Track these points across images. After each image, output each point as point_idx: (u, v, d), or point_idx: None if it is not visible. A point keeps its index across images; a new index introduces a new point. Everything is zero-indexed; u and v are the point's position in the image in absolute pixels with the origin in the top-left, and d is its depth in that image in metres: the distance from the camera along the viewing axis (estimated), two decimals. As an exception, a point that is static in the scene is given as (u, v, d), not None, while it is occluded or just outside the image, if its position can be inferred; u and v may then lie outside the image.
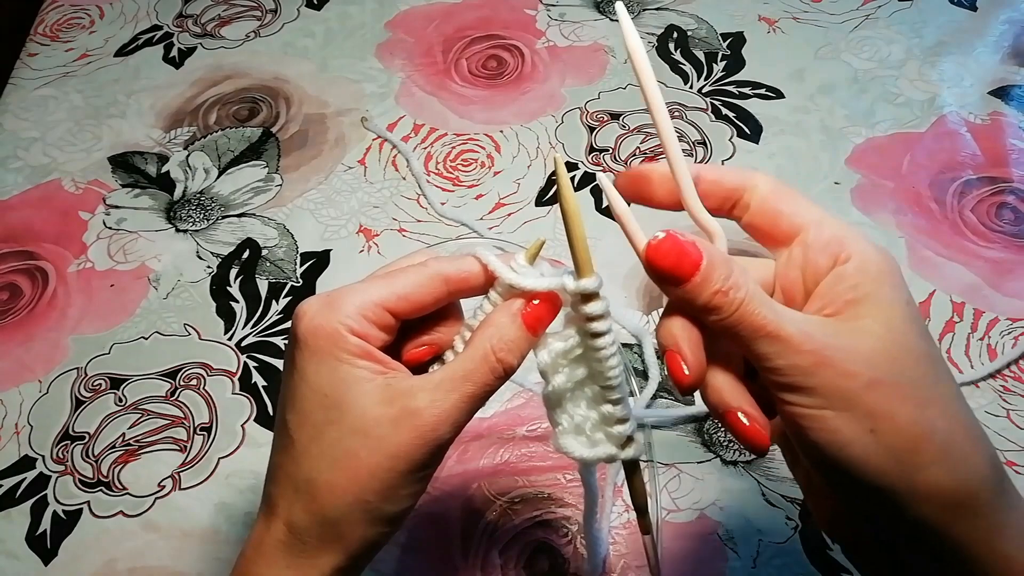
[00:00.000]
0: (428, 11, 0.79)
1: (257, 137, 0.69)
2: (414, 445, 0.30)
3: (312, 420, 0.31)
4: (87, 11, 0.81)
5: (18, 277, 0.60)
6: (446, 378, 0.31)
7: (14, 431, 0.52)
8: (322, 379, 0.31)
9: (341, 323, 0.30)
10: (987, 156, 0.64)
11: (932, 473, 0.27)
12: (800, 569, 0.45)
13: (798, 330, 0.27)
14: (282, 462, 0.32)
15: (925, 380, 0.27)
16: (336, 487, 0.30)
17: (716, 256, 0.28)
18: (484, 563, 0.46)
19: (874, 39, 0.74)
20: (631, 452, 0.33)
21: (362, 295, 0.31)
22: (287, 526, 0.31)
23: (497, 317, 0.32)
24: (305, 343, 0.31)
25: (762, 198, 0.31)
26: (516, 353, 0.32)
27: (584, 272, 0.31)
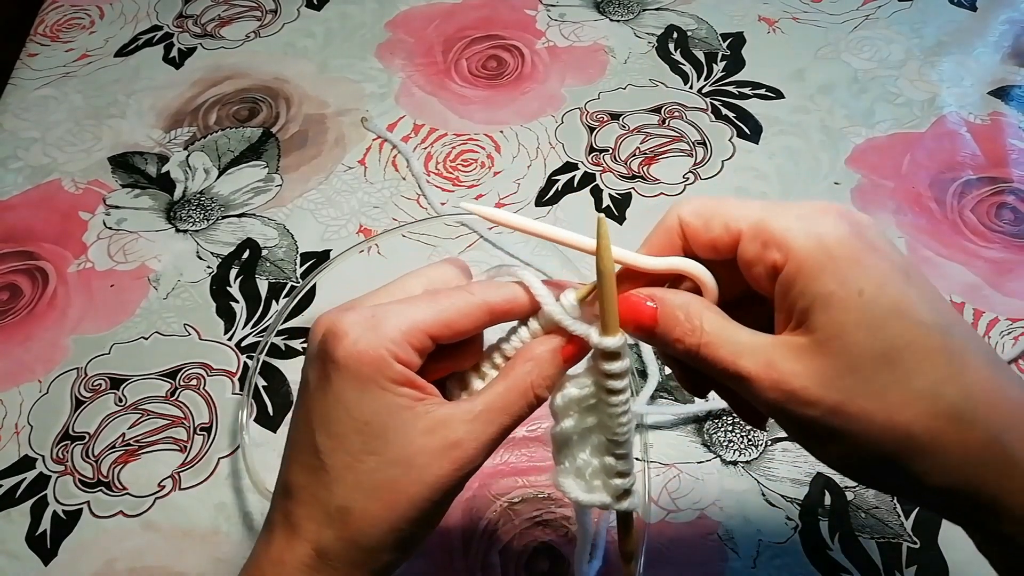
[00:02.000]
0: (428, 11, 0.79)
1: (257, 137, 0.69)
2: (453, 475, 0.30)
3: (348, 447, 0.30)
4: (87, 11, 0.81)
5: (18, 277, 0.60)
6: (485, 410, 0.31)
7: (14, 431, 0.52)
8: (363, 407, 0.30)
9: (386, 349, 0.29)
10: (987, 156, 0.64)
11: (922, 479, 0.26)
12: (800, 569, 0.45)
13: (758, 363, 0.27)
14: (308, 484, 0.31)
15: (892, 382, 0.25)
16: (374, 516, 0.30)
17: (670, 304, 0.29)
18: (484, 563, 0.46)
19: (874, 39, 0.74)
20: (626, 504, 0.33)
21: (406, 318, 0.30)
22: (316, 551, 0.30)
23: (539, 352, 0.32)
24: (347, 368, 0.29)
25: (688, 230, 0.30)
26: (551, 387, 0.32)
27: (609, 330, 0.31)
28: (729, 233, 0.29)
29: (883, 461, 0.26)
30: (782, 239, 0.27)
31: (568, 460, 0.34)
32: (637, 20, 0.77)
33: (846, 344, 0.26)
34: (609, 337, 0.31)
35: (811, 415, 0.26)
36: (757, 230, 0.28)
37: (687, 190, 0.63)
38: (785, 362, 0.27)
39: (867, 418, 0.26)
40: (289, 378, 0.54)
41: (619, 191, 0.63)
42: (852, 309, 0.26)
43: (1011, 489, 0.26)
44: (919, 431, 0.25)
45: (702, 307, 0.30)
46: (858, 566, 0.45)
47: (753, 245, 0.28)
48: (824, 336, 0.26)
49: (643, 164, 0.65)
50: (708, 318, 0.29)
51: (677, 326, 0.29)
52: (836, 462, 0.28)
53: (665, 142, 0.67)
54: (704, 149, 0.66)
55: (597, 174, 0.65)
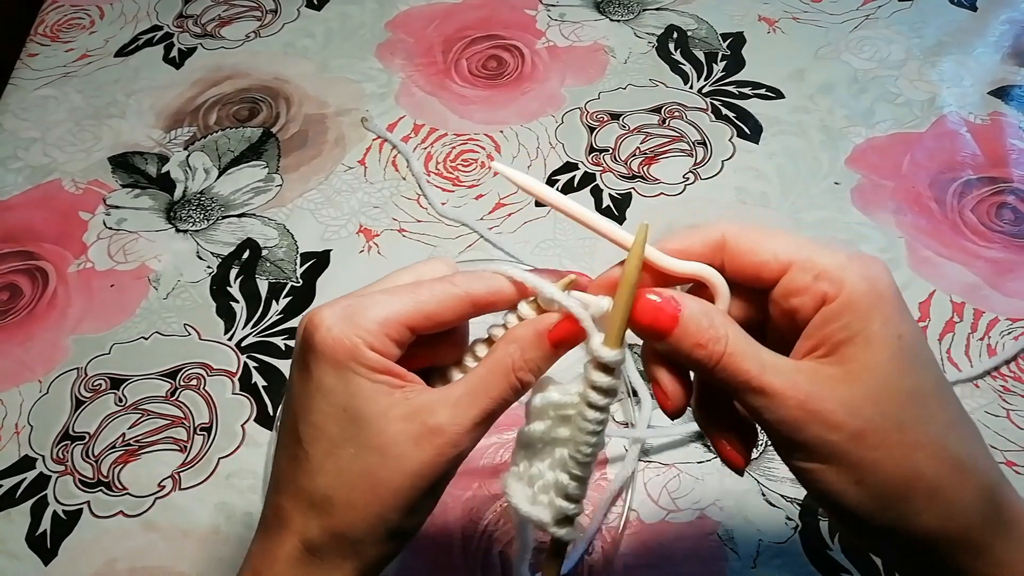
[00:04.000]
0: (428, 11, 0.79)
1: (257, 137, 0.69)
2: (435, 462, 0.29)
3: (328, 435, 0.30)
4: (87, 11, 0.81)
5: (18, 277, 0.60)
6: (465, 393, 0.30)
7: (14, 431, 0.52)
8: (339, 393, 0.30)
9: (361, 337, 0.29)
10: (987, 156, 0.64)
11: (922, 520, 0.27)
12: (800, 569, 0.45)
13: (784, 381, 0.27)
14: (294, 475, 0.31)
15: (912, 421, 0.27)
16: (355, 506, 0.29)
17: (695, 309, 0.29)
18: (484, 563, 0.46)
19: (874, 39, 0.74)
20: (563, 532, 0.32)
21: (384, 309, 0.30)
22: (303, 543, 0.30)
23: (521, 333, 0.31)
24: (323, 354, 0.29)
25: (734, 248, 0.30)
26: (536, 372, 0.31)
27: (613, 342, 0.30)
28: (778, 262, 0.29)
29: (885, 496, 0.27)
30: (837, 275, 0.28)
31: (524, 464, 0.33)
32: (637, 20, 0.77)
33: (879, 378, 0.27)
34: (610, 349, 0.30)
35: (831, 439, 0.27)
36: (811, 263, 0.28)
37: (687, 190, 0.63)
38: (813, 385, 0.27)
39: (885, 449, 0.27)
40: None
41: (619, 191, 0.63)
42: (891, 349, 0.27)
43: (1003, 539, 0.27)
44: (927, 471, 0.27)
45: (726, 318, 0.29)
46: (858, 566, 0.45)
47: (804, 276, 0.28)
48: (858, 368, 0.27)
49: (643, 164, 0.65)
50: (732, 329, 0.28)
51: (700, 332, 0.28)
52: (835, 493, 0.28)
53: (665, 142, 0.67)
54: (704, 149, 0.66)
55: (597, 174, 0.65)
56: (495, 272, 0.32)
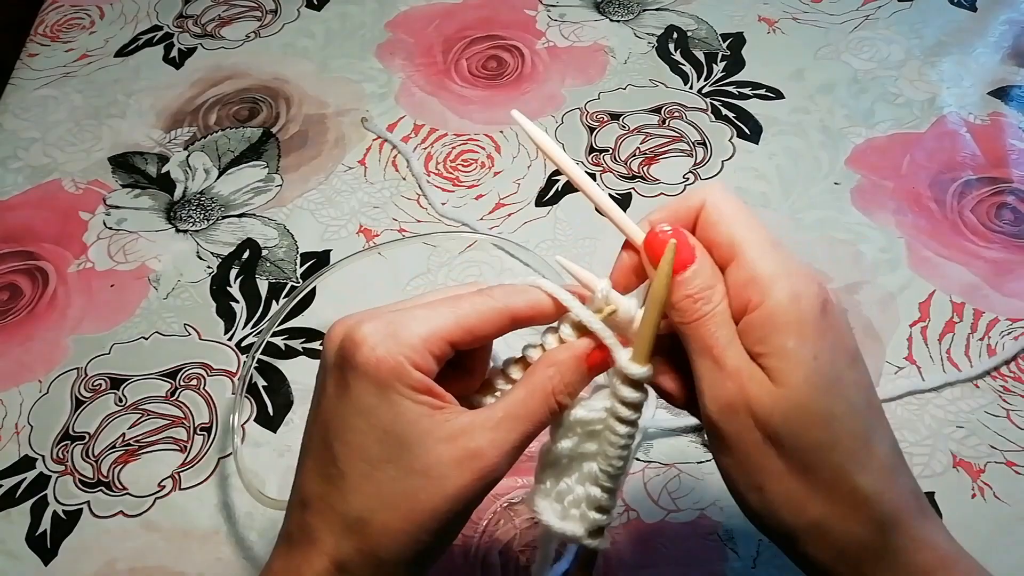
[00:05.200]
0: (428, 11, 0.79)
1: (257, 137, 0.69)
2: (474, 486, 0.29)
3: (366, 455, 0.29)
4: (87, 11, 0.81)
5: (18, 277, 0.60)
6: (506, 417, 0.30)
7: (14, 431, 0.52)
8: (383, 414, 0.29)
9: (406, 356, 0.29)
10: (987, 156, 0.64)
11: (810, 551, 0.28)
12: (800, 569, 0.45)
13: (733, 363, 0.28)
14: (326, 493, 0.30)
15: (815, 447, 0.28)
16: (392, 528, 0.29)
17: (706, 266, 0.30)
18: (484, 563, 0.46)
19: (874, 39, 0.74)
20: (597, 542, 0.33)
21: (426, 325, 0.30)
22: (334, 564, 0.30)
23: (563, 357, 0.31)
24: (366, 374, 0.29)
25: (704, 219, 0.31)
26: (573, 395, 0.31)
27: (640, 358, 0.30)
28: (729, 248, 0.30)
29: (779, 516, 0.29)
30: (765, 285, 0.28)
31: (551, 481, 0.33)
32: (637, 20, 0.77)
33: (790, 397, 0.28)
34: (639, 366, 0.30)
35: (746, 438, 0.28)
36: (750, 264, 0.29)
37: (687, 190, 0.63)
38: (751, 380, 0.28)
39: (787, 469, 0.28)
40: (289, 378, 0.54)
41: (619, 191, 0.63)
42: (804, 369, 0.28)
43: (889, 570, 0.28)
44: (819, 508, 0.28)
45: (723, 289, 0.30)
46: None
47: (740, 273, 0.29)
48: (777, 381, 0.28)
49: (643, 164, 0.65)
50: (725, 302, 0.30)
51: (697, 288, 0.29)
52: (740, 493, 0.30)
53: (665, 142, 0.67)
54: (704, 149, 0.66)
55: (597, 174, 0.65)
56: (532, 285, 0.32)
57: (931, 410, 0.51)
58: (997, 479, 0.48)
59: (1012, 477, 0.48)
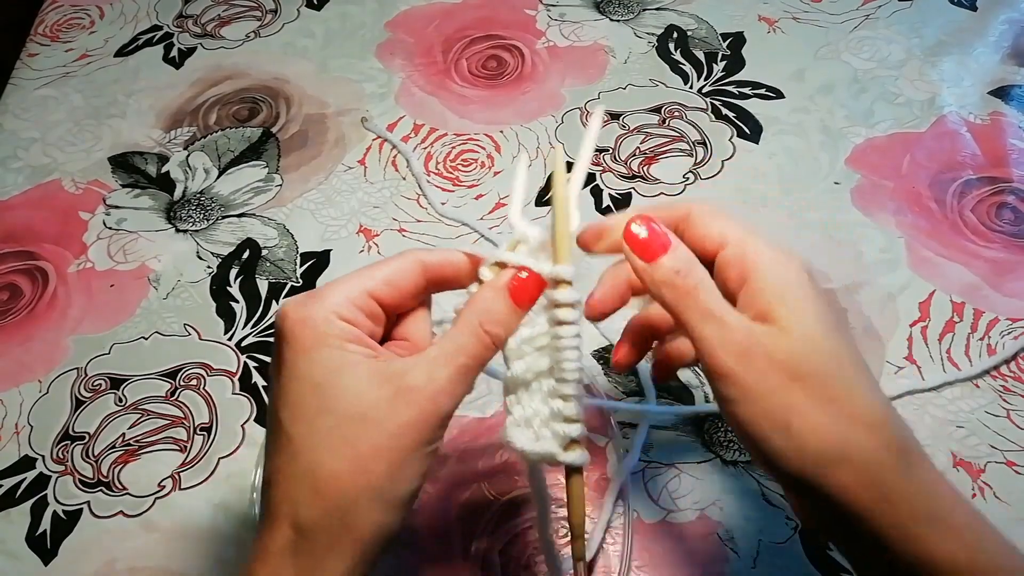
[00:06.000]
0: (428, 11, 0.79)
1: (257, 137, 0.69)
2: (415, 421, 0.30)
3: (305, 412, 0.30)
4: (87, 11, 0.81)
5: (18, 277, 0.60)
6: (439, 354, 0.31)
7: (14, 431, 0.52)
8: (313, 368, 0.30)
9: (328, 311, 0.31)
10: (987, 156, 0.64)
11: (838, 474, 0.29)
12: (800, 569, 0.45)
13: (736, 320, 0.31)
14: (280, 463, 0.31)
15: (836, 379, 0.30)
16: (340, 475, 0.29)
17: (681, 247, 0.33)
18: (484, 563, 0.46)
19: (874, 39, 0.74)
20: (572, 457, 0.33)
21: (346, 284, 0.32)
22: (293, 528, 0.30)
23: (483, 292, 0.33)
24: (292, 336, 0.30)
25: (691, 222, 0.34)
26: (503, 325, 0.33)
27: (560, 259, 0.33)
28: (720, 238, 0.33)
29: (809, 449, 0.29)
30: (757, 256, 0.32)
31: (517, 409, 0.34)
32: (637, 20, 0.77)
33: (806, 337, 0.30)
34: (559, 265, 0.32)
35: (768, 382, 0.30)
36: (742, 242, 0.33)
37: (687, 190, 0.63)
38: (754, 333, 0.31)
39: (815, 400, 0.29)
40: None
41: (619, 191, 0.63)
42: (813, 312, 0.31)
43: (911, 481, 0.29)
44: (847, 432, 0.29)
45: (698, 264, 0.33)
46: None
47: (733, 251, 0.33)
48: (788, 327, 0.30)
49: (643, 164, 0.65)
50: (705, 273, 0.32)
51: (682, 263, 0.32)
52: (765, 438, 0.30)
53: (665, 142, 0.67)
54: (704, 149, 0.66)
55: (597, 174, 0.65)
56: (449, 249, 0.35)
57: (931, 410, 0.51)
58: (997, 479, 0.48)
59: (1012, 477, 0.48)
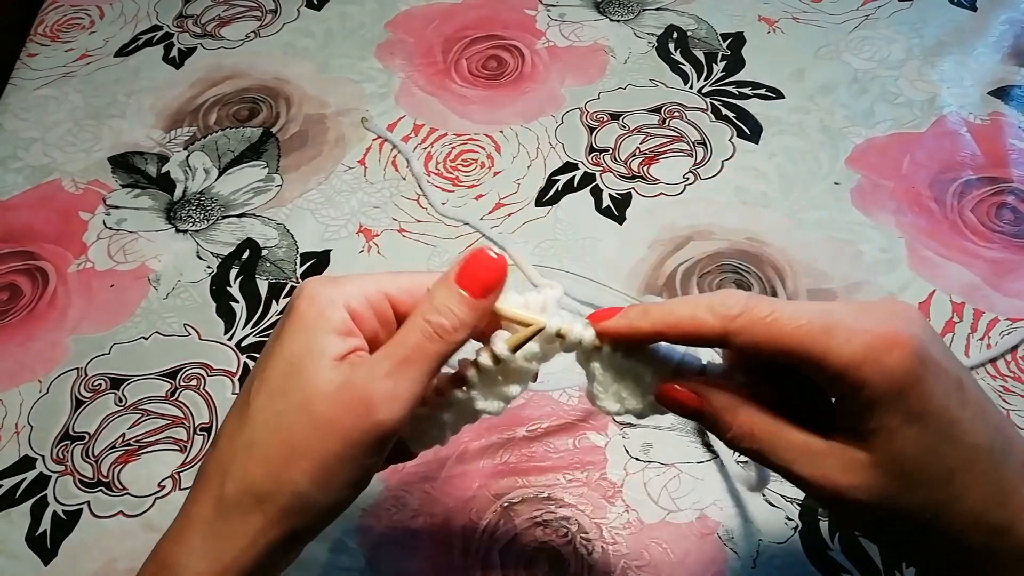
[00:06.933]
0: (428, 11, 0.79)
1: (257, 137, 0.69)
2: (347, 422, 0.28)
3: (270, 386, 0.30)
4: (87, 11, 0.81)
5: (18, 277, 0.60)
6: (383, 352, 0.30)
7: (14, 431, 0.52)
8: (294, 346, 0.30)
9: (339, 297, 0.30)
10: (987, 156, 0.64)
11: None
12: (800, 569, 0.45)
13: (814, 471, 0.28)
14: (230, 428, 0.30)
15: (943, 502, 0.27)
16: (271, 459, 0.29)
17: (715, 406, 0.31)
18: (484, 563, 0.46)
19: (874, 39, 0.74)
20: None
21: (368, 279, 0.32)
22: (215, 500, 0.29)
23: (434, 283, 0.31)
24: (296, 310, 0.30)
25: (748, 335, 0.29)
26: (448, 315, 0.30)
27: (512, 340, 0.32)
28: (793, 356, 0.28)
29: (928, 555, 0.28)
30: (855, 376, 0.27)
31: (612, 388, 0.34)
32: (637, 20, 0.77)
33: (905, 469, 0.27)
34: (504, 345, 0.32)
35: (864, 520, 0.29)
36: (824, 360, 0.27)
37: (687, 190, 0.63)
38: (841, 474, 0.28)
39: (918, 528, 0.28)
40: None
41: (619, 191, 0.63)
42: (913, 438, 0.27)
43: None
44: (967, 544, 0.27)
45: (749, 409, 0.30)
46: (858, 566, 0.45)
47: (819, 374, 0.28)
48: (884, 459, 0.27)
49: (643, 164, 0.65)
50: (758, 421, 0.30)
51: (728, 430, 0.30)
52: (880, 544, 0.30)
53: (665, 142, 0.67)
54: (704, 149, 0.66)
55: (597, 174, 0.65)
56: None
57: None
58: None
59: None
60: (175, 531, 0.31)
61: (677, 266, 0.58)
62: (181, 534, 0.30)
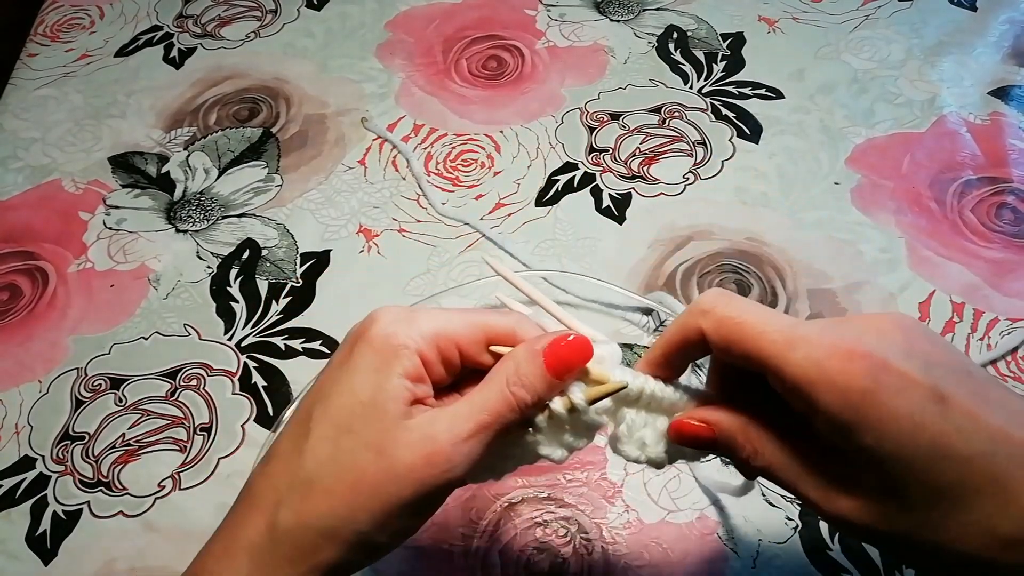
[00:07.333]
0: (428, 11, 0.79)
1: (257, 137, 0.69)
2: (424, 474, 0.29)
3: (336, 420, 0.30)
4: (87, 11, 0.81)
5: (18, 277, 0.60)
6: (463, 405, 0.30)
7: (14, 431, 0.52)
8: (367, 385, 0.30)
9: (412, 339, 0.30)
10: (987, 156, 0.64)
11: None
12: (800, 569, 0.45)
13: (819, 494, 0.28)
14: (287, 451, 0.30)
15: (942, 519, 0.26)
16: (334, 496, 0.29)
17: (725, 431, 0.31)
18: (484, 563, 0.46)
19: (874, 39, 0.74)
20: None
21: (439, 320, 0.31)
22: (268, 527, 0.29)
23: (518, 351, 0.31)
24: (371, 345, 0.30)
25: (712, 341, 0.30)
26: (531, 390, 0.30)
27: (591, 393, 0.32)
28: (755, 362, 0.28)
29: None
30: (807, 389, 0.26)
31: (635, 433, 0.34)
32: (637, 20, 0.77)
33: (891, 489, 0.26)
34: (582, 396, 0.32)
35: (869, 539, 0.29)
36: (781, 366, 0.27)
37: (687, 190, 0.63)
38: (842, 499, 0.28)
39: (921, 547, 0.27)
40: (289, 378, 0.54)
41: (619, 191, 0.63)
42: (890, 457, 0.26)
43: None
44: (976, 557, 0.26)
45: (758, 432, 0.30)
46: (858, 566, 0.45)
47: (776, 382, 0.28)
48: (868, 481, 0.27)
49: (643, 164, 0.65)
50: (766, 444, 0.30)
51: (739, 449, 0.31)
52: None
53: (665, 142, 0.67)
54: (704, 149, 0.66)
55: (597, 174, 0.65)
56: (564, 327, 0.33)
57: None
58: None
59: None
60: (219, 548, 0.30)
61: (677, 266, 0.58)
62: (227, 553, 0.30)
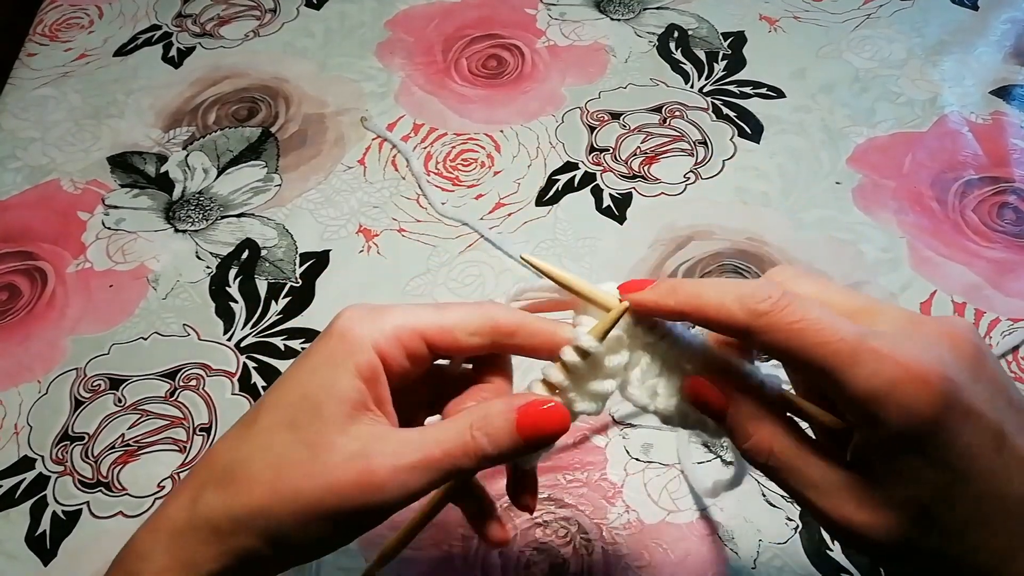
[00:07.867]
0: (428, 10, 0.79)
1: (256, 137, 0.68)
2: (352, 490, 0.27)
3: (279, 413, 0.29)
4: (86, 11, 0.81)
5: (17, 277, 0.60)
6: (414, 435, 0.29)
7: (14, 431, 0.52)
8: (314, 379, 0.29)
9: (369, 334, 0.29)
10: (989, 156, 0.64)
11: None
12: (800, 569, 0.45)
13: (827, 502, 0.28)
14: (231, 435, 0.30)
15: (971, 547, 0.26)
16: (257, 485, 0.28)
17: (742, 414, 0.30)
18: (484, 563, 0.46)
19: (875, 38, 0.74)
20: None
21: (403, 315, 0.30)
22: (190, 506, 0.28)
23: (495, 402, 0.30)
24: (330, 338, 0.30)
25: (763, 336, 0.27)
26: (493, 442, 0.29)
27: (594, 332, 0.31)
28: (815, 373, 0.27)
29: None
30: (872, 405, 0.25)
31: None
32: (638, 19, 0.77)
33: (922, 513, 0.26)
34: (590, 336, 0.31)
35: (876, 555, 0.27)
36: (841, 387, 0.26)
37: (688, 190, 0.63)
38: (855, 510, 0.27)
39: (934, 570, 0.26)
40: (288, 378, 0.54)
41: (619, 191, 0.63)
42: (933, 483, 0.25)
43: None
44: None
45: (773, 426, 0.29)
46: (858, 567, 0.45)
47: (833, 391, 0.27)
48: (899, 500, 0.26)
49: (644, 164, 0.65)
50: (780, 440, 0.29)
51: (746, 439, 0.29)
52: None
53: (666, 141, 0.66)
54: (705, 148, 0.66)
55: (597, 174, 0.64)
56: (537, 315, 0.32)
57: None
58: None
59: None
60: (150, 523, 0.30)
61: (678, 266, 0.58)
62: (153, 528, 0.29)
